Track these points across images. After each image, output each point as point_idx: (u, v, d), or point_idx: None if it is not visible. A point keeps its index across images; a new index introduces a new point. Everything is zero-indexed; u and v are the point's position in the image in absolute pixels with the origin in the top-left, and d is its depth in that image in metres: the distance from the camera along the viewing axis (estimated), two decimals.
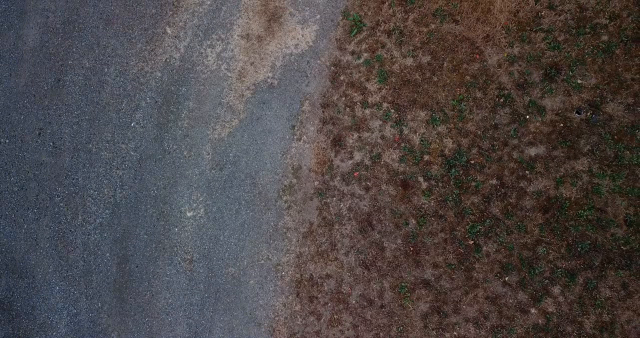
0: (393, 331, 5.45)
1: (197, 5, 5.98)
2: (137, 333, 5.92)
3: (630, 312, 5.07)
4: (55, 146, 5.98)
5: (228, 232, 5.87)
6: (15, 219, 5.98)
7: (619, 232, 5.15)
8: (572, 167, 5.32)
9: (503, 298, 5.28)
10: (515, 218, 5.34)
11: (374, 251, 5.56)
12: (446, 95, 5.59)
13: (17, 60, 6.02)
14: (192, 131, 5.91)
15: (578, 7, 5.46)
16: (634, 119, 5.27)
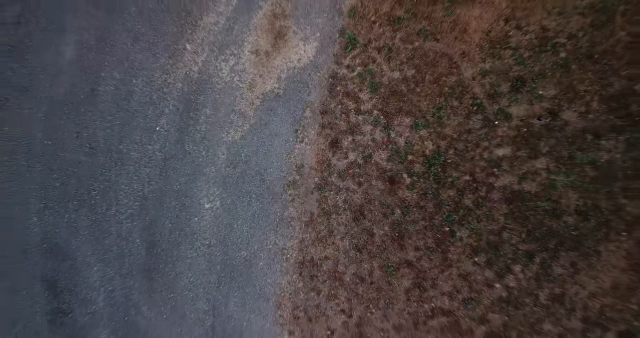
0: (381, 303, 6.47)
1: (212, 25, 6.87)
2: (164, 307, 6.94)
3: (578, 286, 6.09)
4: (91, 147, 6.93)
5: (241, 221, 6.86)
6: (58, 210, 6.95)
7: (570, 220, 6.14)
8: (532, 165, 6.28)
9: (473, 275, 6.29)
10: (484, 208, 6.32)
11: (365, 236, 6.55)
12: (427, 103, 6.53)
13: (57, 73, 6.93)
14: (209, 134, 6.85)
15: (541, 28, 6.37)
16: (586, 124, 6.22)
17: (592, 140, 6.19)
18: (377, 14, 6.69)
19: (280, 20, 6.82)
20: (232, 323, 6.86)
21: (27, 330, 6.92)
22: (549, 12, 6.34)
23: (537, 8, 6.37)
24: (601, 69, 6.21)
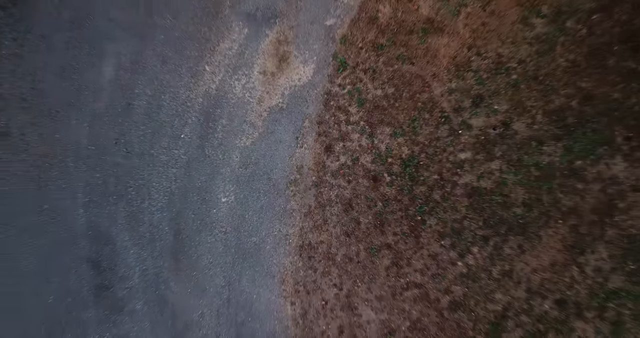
0: (366, 278, 7.97)
1: (227, 50, 8.29)
2: (188, 283, 8.42)
3: (523, 263, 7.59)
4: (127, 151, 8.37)
5: (251, 212, 8.33)
6: (101, 203, 8.41)
7: (518, 211, 7.63)
8: (488, 166, 7.75)
9: (440, 255, 7.78)
10: (449, 201, 7.80)
11: (353, 224, 8.03)
12: (404, 116, 7.98)
13: (98, 90, 8.35)
14: (225, 141, 8.30)
15: (497, 54, 7.80)
16: (531, 133, 7.68)
17: (536, 146, 7.67)
18: (363, 42, 8.12)
19: (284, 46, 8.24)
20: (244, 296, 8.35)
21: (76, 302, 8.41)
22: (503, 42, 7.78)
23: (494, 38, 7.81)
24: (544, 88, 7.67)
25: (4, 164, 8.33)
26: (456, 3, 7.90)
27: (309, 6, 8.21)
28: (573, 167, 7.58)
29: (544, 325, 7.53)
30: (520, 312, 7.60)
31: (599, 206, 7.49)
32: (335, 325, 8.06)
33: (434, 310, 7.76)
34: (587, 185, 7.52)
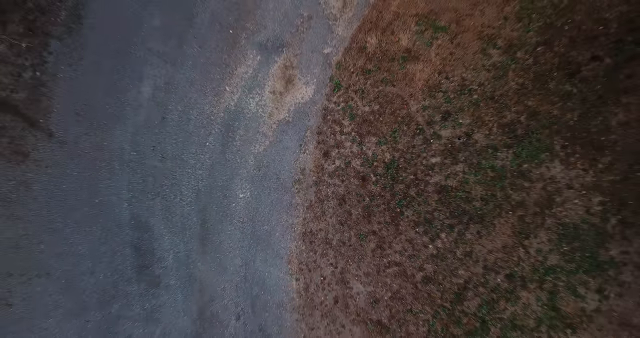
0: (356, 258, 9.92)
1: (243, 73, 10.17)
2: (212, 263, 10.36)
3: (480, 246, 9.54)
4: (162, 156, 10.28)
5: (264, 206, 10.25)
6: (141, 199, 10.33)
7: (477, 204, 9.56)
8: (454, 169, 9.67)
9: (414, 240, 9.73)
10: (423, 196, 9.73)
11: (346, 215, 9.97)
12: (387, 128, 9.88)
13: (138, 106, 10.23)
14: (242, 148, 10.21)
15: (461, 78, 9.69)
16: (488, 142, 9.58)
17: (492, 153, 9.59)
18: (354, 67, 10.00)
19: (289, 70, 10.12)
20: (258, 274, 10.31)
21: (122, 278, 10.37)
22: (467, 68, 9.67)
23: (459, 65, 9.69)
24: (499, 106, 9.57)
25: (62, 167, 10.25)
26: (429, 36, 9.78)
27: (310, 38, 10.09)
28: (521, 169, 9.51)
29: (497, 295, 9.51)
30: (478, 285, 9.57)
31: (540, 200, 9.43)
32: (331, 296, 10.03)
33: (410, 283, 9.73)
34: (532, 184, 9.46)
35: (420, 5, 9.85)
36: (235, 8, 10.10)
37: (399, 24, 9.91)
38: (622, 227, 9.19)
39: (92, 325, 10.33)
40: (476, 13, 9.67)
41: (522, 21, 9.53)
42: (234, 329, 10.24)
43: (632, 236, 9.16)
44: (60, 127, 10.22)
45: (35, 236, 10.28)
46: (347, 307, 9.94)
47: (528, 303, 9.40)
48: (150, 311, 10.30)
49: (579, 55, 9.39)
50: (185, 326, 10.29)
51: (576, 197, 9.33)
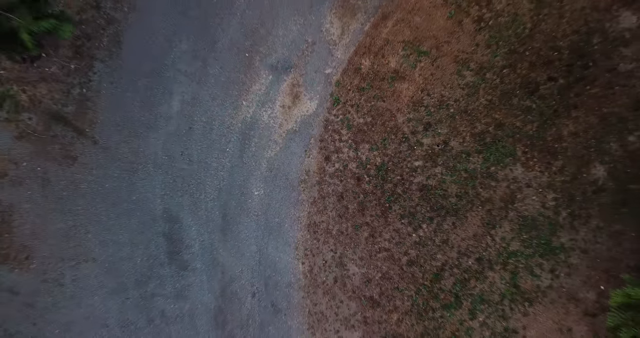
0: (352, 245, 11.90)
1: (257, 90, 12.06)
2: (232, 250, 12.33)
3: (455, 234, 11.53)
4: (190, 160, 12.20)
5: (275, 202, 12.20)
6: (172, 196, 12.25)
7: (453, 200, 11.53)
8: (433, 171, 11.62)
9: (400, 230, 11.72)
10: (408, 194, 11.70)
11: (343, 209, 11.94)
12: (378, 137, 11.81)
13: (169, 118, 12.13)
14: (256, 153, 12.14)
15: (440, 95, 11.61)
16: (463, 148, 11.52)
17: (466, 157, 11.54)
18: (351, 85, 11.91)
19: (296, 88, 12.03)
20: (270, 259, 12.28)
21: (155, 262, 12.33)
22: (445, 86, 11.58)
23: (439, 84, 11.60)
24: (471, 118, 11.50)
25: (105, 169, 12.18)
26: (414, 59, 11.68)
27: (314, 60, 11.98)
28: (489, 171, 11.47)
29: (468, 275, 11.51)
30: (453, 267, 11.58)
31: (504, 197, 11.41)
32: (331, 276, 12.03)
33: (396, 265, 11.74)
34: (498, 183, 11.43)
35: (407, 33, 11.74)
36: (251, 35, 11.98)
37: (388, 48, 11.81)
38: (571, 218, 11.19)
39: (131, 301, 12.32)
40: (453, 40, 11.57)
41: (490, 48, 11.44)
42: (250, 305, 12.24)
43: (579, 226, 11.17)
44: (103, 135, 12.13)
45: (82, 227, 12.24)
46: (345, 285, 11.94)
47: (494, 282, 11.41)
48: (180, 290, 12.30)
49: (537, 76, 11.32)
50: (209, 302, 12.29)
51: (534, 194, 11.31)
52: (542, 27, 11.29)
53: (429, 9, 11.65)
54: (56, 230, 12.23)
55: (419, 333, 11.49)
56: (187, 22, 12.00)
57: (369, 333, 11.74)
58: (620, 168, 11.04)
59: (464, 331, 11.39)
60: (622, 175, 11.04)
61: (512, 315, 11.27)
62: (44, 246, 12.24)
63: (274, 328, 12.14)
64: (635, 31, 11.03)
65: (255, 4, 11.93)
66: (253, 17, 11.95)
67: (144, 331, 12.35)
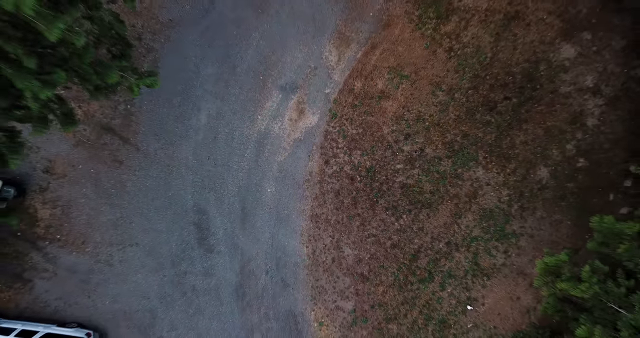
0: (346, 232, 14.78)
1: (270, 106, 14.81)
2: (249, 236, 15.19)
3: (429, 223, 14.39)
4: (215, 164, 15.00)
5: (284, 197, 15.03)
6: (201, 193, 15.06)
7: (427, 196, 14.37)
8: (411, 172, 14.45)
9: (385, 219, 14.57)
10: (391, 190, 14.54)
11: (339, 203, 14.79)
12: (367, 144, 14.62)
13: (197, 130, 14.89)
14: (269, 157, 14.94)
15: (418, 111, 14.37)
16: (435, 154, 14.33)
17: (438, 161, 14.35)
18: (346, 102, 14.66)
19: (301, 104, 14.78)
20: (281, 243, 15.14)
21: (187, 247, 15.17)
22: (422, 104, 14.35)
23: (416, 102, 14.36)
24: (442, 130, 14.29)
25: (145, 171, 14.96)
26: (397, 82, 14.42)
27: (315, 82, 14.70)
28: (456, 172, 14.30)
29: (439, 255, 14.40)
30: (427, 249, 14.46)
31: (469, 193, 14.26)
32: (330, 257, 14.91)
33: (382, 248, 14.62)
34: (463, 182, 14.27)
35: (391, 60, 14.47)
36: (264, 61, 14.69)
37: (376, 73, 14.54)
38: (521, 210, 14.06)
39: (167, 278, 15.19)
40: (428, 66, 14.30)
41: (458, 73, 14.18)
42: (264, 280, 15.13)
43: (527, 216, 14.04)
44: (144, 143, 14.89)
45: (127, 218, 15.06)
46: (341, 264, 14.83)
47: (459, 261, 14.31)
48: (207, 268, 15.17)
49: (495, 96, 14.09)
50: (231, 278, 15.17)
51: (492, 191, 14.16)
52: (500, 56, 14.04)
53: (409, 41, 14.37)
54: (106, 220, 15.06)
55: (400, 302, 14.43)
56: (212, 50, 14.70)
57: (360, 303, 14.67)
58: (560, 170, 13.91)
59: (435, 300, 14.33)
60: (561, 176, 13.90)
61: (474, 287, 14.20)
62: (97, 233, 15.08)
63: (283, 299, 15.04)
64: (572, 60, 13.81)
65: (268, 36, 14.63)
66: (266, 46, 14.65)
67: (178, 302, 15.25)
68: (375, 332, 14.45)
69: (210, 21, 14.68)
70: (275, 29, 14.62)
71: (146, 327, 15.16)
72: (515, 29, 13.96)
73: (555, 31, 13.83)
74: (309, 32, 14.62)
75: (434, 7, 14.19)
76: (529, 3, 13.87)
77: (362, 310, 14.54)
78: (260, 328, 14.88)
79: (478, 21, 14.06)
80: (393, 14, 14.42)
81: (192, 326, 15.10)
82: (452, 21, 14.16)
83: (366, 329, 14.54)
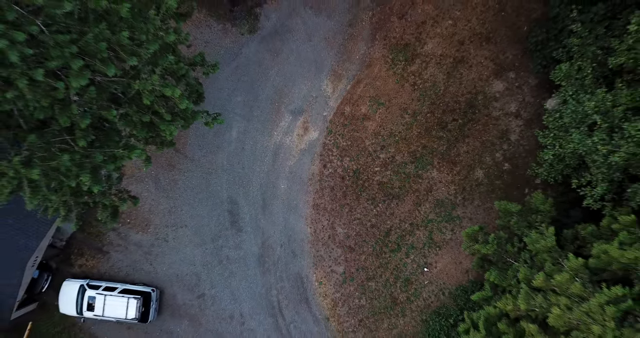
0: (339, 216, 20.42)
1: (283, 126, 20.23)
2: (268, 220, 20.81)
3: (398, 210, 20.05)
4: (243, 167, 20.48)
5: (293, 192, 20.60)
6: (232, 187, 20.56)
7: (397, 190, 19.98)
8: (386, 173, 19.98)
9: (367, 207, 20.18)
10: (371, 186, 20.10)
11: (334, 196, 20.36)
12: (354, 153, 20.11)
13: (230, 142, 20.30)
14: (283, 163, 20.45)
15: (390, 129, 19.84)
16: (403, 161, 19.85)
17: (404, 165, 19.91)
18: (338, 122, 20.09)
19: (306, 124, 20.21)
20: (291, 225, 20.77)
21: (222, 227, 20.80)
22: (394, 124, 19.78)
23: (389, 122, 19.80)
24: (408, 143, 19.78)
25: (191, 172, 20.44)
26: (375, 107, 19.82)
27: (316, 107, 20.08)
28: (418, 173, 19.86)
29: (405, 232, 20.10)
30: (396, 228, 20.14)
31: (426, 188, 19.87)
32: (327, 234, 20.57)
33: (364, 228, 20.28)
34: (423, 180, 19.86)
35: (371, 92, 19.82)
36: (279, 92, 20.00)
37: (360, 101, 19.91)
38: (463, 200, 19.71)
39: (208, 250, 20.85)
40: (398, 96, 19.67)
41: (420, 101, 19.57)
42: (279, 252, 20.80)
43: (467, 205, 19.68)
44: (191, 152, 20.33)
45: (179, 207, 20.61)
46: (334, 239, 20.50)
47: (419, 237, 20.03)
48: (237, 243, 20.82)
49: (446, 118, 19.53)
50: (255, 251, 20.83)
51: (443, 187, 19.76)
52: (450, 89, 19.43)
53: (384, 77, 19.70)
54: (163, 208, 20.61)
55: (377, 266, 20.19)
56: (241, 84, 19.98)
57: (348, 267, 20.42)
58: (491, 171, 19.49)
59: (402, 264, 20.10)
60: (492, 176, 19.50)
61: (429, 255, 19.95)
62: (156, 218, 20.65)
63: (293, 265, 20.71)
64: (501, 93, 19.23)
65: (281, 73, 19.90)
66: (280, 81, 19.94)
67: (216, 268, 20.95)
68: (360, 288, 20.26)
69: (238, 62, 19.93)
70: (286, 68, 19.91)
71: (192, 286, 20.91)
72: (461, 69, 19.31)
73: (490, 71, 19.21)
74: (311, 71, 19.92)
75: (403, 53, 19.48)
76: (471, 50, 19.19)
77: (350, 272, 20.32)
78: (276, 286, 20.65)
79: (434, 63, 19.39)
80: (373, 57, 19.71)
81: (226, 285, 20.86)
82: (416, 63, 19.48)
83: (353, 286, 20.34)
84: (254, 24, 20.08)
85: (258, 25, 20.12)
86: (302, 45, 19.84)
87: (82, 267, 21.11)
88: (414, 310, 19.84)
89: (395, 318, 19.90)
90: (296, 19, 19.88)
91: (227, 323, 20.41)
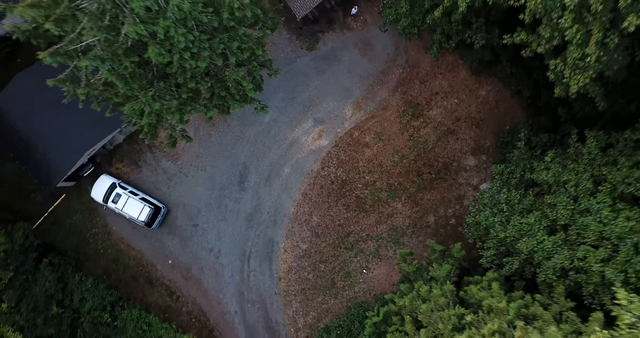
0: (318, 208, 26.30)
1: (304, 127, 26.24)
2: (266, 192, 26.78)
3: (362, 220, 25.90)
4: (263, 145, 26.51)
5: (291, 178, 26.46)
6: (250, 157, 26.50)
7: (368, 206, 25.79)
8: (364, 191, 25.83)
9: (341, 210, 26.03)
10: (350, 197, 25.94)
11: (320, 192, 26.27)
12: (347, 168, 25.98)
13: (261, 123, 26.18)
14: (293, 154, 26.35)
15: (380, 161, 25.69)
16: (380, 187, 25.66)
17: (380, 191, 25.70)
18: (345, 141, 25.98)
19: (322, 132, 26.15)
20: (281, 201, 26.54)
21: (232, 184, 26.86)
22: (384, 158, 25.65)
23: (382, 156, 25.67)
24: (389, 177, 25.62)
25: (225, 133, 26.55)
26: (376, 141, 25.67)
27: (334, 123, 26.01)
28: (387, 201, 25.60)
29: (360, 239, 25.83)
30: (356, 233, 25.81)
31: (389, 213, 25.72)
32: (304, 218, 26.38)
33: (333, 224, 25.98)
34: (389, 207, 25.63)
35: (378, 128, 25.64)
36: (311, 101, 25.96)
37: (368, 131, 25.73)
38: (411, 233, 25.44)
39: (214, 195, 26.73)
40: (397, 139, 25.48)
41: (410, 149, 25.35)
42: (264, 217, 26.64)
43: (413, 238, 25.41)
44: (230, 119, 26.43)
45: (205, 154, 26.63)
46: (308, 224, 26.28)
47: (369, 246, 25.70)
48: (236, 199, 26.87)
49: (424, 169, 25.28)
50: (248, 209, 26.68)
51: (401, 217, 25.43)
52: (435, 149, 25.20)
53: (392, 121, 25.55)
54: (194, 151, 26.68)
55: (330, 254, 25.89)
56: (285, 84, 25.94)
57: (310, 247, 26.18)
58: (440, 221, 25.17)
59: (349, 261, 25.79)
60: (439, 223, 25.18)
61: (371, 262, 25.58)
62: (186, 156, 26.77)
63: (270, 231, 26.63)
64: (471, 167, 24.94)
65: (319, 88, 25.88)
66: (315, 94, 25.94)
67: (214, 210, 26.94)
68: (312, 265, 26.09)
69: (291, 68, 25.94)
70: (324, 86, 25.91)
71: (192, 216, 27.00)
72: (450, 138, 25.08)
73: (469, 148, 24.93)
74: (341, 95, 25.88)
75: (413, 109, 25.34)
76: (463, 128, 24.94)
77: (310, 251, 26.18)
78: (252, 240, 26.55)
79: (432, 126, 25.20)
80: (390, 103, 25.59)
81: (217, 225, 26.84)
82: (419, 120, 25.31)
83: (308, 262, 26.19)
84: (313, 44, 26.12)
85: (316, 46, 26.14)
86: (342, 74, 25.81)
87: (118, 170, 27.41)
88: (344, 297, 25.56)
89: (329, 298, 25.64)
90: (346, 53, 25.86)
91: (206, 253, 26.47)
